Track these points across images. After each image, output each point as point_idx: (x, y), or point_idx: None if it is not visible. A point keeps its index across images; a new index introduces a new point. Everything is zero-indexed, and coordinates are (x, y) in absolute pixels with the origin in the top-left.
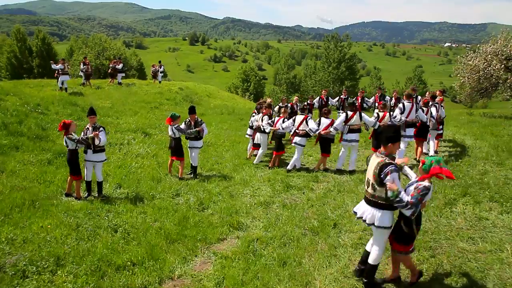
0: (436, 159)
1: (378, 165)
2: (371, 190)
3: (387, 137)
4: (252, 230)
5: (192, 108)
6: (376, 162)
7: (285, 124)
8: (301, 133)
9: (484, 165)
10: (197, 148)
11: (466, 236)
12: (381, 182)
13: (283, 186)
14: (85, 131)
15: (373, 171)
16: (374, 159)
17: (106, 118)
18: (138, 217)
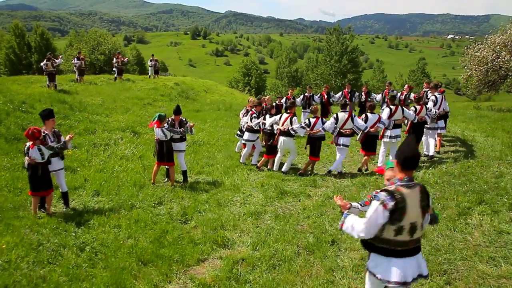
0: None
1: (423, 194)
2: (419, 234)
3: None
4: (238, 247)
5: (178, 109)
6: (418, 193)
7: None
8: (348, 133)
9: (498, 166)
10: (181, 152)
11: (486, 256)
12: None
13: (277, 193)
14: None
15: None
16: (410, 194)
17: (94, 116)
18: (111, 232)
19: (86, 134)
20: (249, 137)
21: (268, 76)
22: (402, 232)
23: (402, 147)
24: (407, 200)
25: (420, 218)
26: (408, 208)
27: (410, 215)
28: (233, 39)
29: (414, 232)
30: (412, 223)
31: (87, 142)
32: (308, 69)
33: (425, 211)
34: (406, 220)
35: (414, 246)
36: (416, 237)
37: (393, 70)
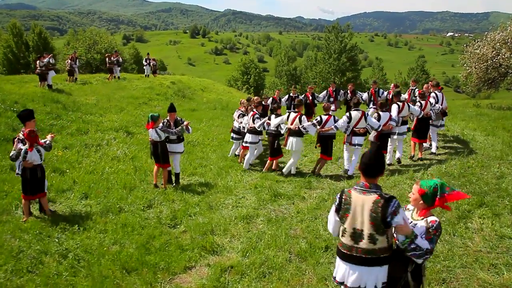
0: (439, 185)
1: (375, 204)
2: (368, 244)
3: (380, 169)
4: (227, 253)
5: (172, 107)
6: (371, 202)
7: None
8: (361, 132)
9: (499, 166)
10: (178, 153)
11: (487, 263)
12: (386, 227)
13: (271, 195)
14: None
15: (369, 215)
16: (360, 198)
17: (88, 116)
18: (97, 237)
19: (78, 134)
20: (252, 139)
21: (267, 74)
22: (345, 234)
23: (364, 154)
24: (352, 203)
25: (367, 228)
26: (351, 212)
27: (353, 219)
28: (232, 37)
29: (357, 239)
30: (355, 228)
31: (78, 143)
32: (307, 67)
33: (376, 224)
34: (348, 223)
35: (361, 255)
36: (363, 246)
37: (392, 68)
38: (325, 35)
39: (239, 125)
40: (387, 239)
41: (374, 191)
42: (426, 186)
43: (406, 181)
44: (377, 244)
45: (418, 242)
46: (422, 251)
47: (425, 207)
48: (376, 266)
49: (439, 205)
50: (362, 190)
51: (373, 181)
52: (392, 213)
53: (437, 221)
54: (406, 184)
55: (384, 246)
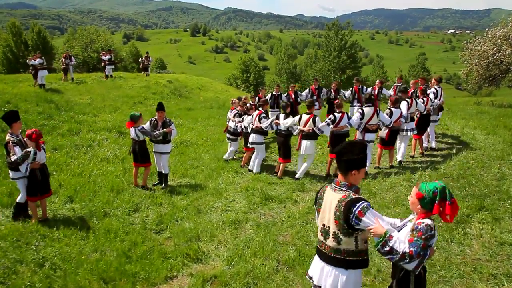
0: (440, 189)
1: (340, 203)
2: (332, 243)
3: (349, 161)
4: (212, 262)
5: (160, 105)
6: (336, 200)
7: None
8: (374, 128)
9: (500, 167)
10: (165, 154)
11: (486, 273)
12: (350, 228)
13: (262, 198)
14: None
15: (334, 213)
16: (330, 194)
17: (80, 116)
18: (77, 244)
19: (69, 135)
20: (257, 140)
21: (268, 72)
22: (318, 228)
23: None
24: (324, 199)
25: (332, 225)
26: (322, 207)
27: (323, 214)
28: (232, 35)
29: (326, 235)
30: (324, 224)
31: (68, 144)
32: (307, 65)
33: (340, 223)
34: (320, 218)
35: (327, 253)
36: (329, 244)
37: (393, 65)
38: (325, 32)
39: (236, 124)
40: (355, 242)
41: (344, 190)
42: (425, 189)
43: (403, 183)
44: (342, 244)
45: (393, 244)
46: (397, 255)
47: (423, 212)
48: (340, 267)
49: (437, 213)
50: (334, 187)
51: (346, 178)
52: (357, 214)
53: (425, 223)
54: (403, 186)
55: (350, 248)
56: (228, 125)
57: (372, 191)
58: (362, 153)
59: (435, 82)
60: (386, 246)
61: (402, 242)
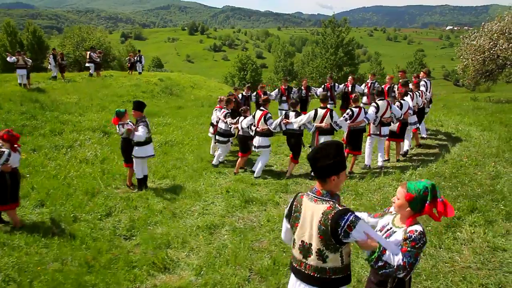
0: (430, 187)
1: (325, 216)
2: (316, 261)
3: (327, 167)
4: (181, 271)
5: (135, 104)
6: (320, 212)
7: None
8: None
9: (495, 164)
10: (138, 158)
11: (476, 283)
12: (338, 243)
13: (242, 201)
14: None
15: (318, 227)
16: (310, 206)
17: (65, 116)
18: (38, 252)
19: (51, 135)
20: (263, 143)
21: (266, 70)
22: (295, 246)
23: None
24: (302, 212)
25: (316, 242)
26: (300, 221)
27: (301, 231)
28: (230, 34)
29: (306, 253)
30: (303, 241)
31: (49, 145)
32: (304, 63)
33: (326, 238)
34: (297, 234)
35: (309, 273)
36: (312, 263)
37: (392, 62)
38: (322, 30)
39: (229, 126)
40: (341, 258)
41: (327, 199)
42: (414, 190)
43: (392, 183)
44: (327, 262)
45: (387, 259)
46: (392, 268)
47: (411, 214)
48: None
49: (428, 213)
50: (314, 197)
51: (326, 186)
52: (346, 228)
53: (418, 231)
54: (392, 186)
55: (336, 265)
56: (218, 126)
57: (359, 192)
58: (339, 155)
59: (424, 75)
60: (380, 261)
61: (395, 255)
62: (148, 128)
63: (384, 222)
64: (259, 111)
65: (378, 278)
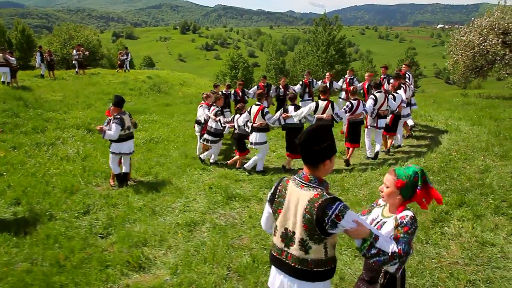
0: (420, 172)
1: (311, 204)
2: (298, 252)
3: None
4: (156, 270)
5: (114, 99)
6: (306, 199)
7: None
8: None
9: (484, 158)
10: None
11: (464, 279)
12: (323, 233)
13: (224, 197)
14: None
15: (302, 216)
16: (296, 192)
17: (49, 113)
18: (8, 252)
19: (33, 133)
20: (261, 139)
21: (258, 69)
22: (276, 233)
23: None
24: (287, 197)
25: (299, 231)
26: (284, 207)
27: (284, 217)
28: (223, 33)
29: (288, 242)
30: (286, 229)
31: (29, 142)
32: (296, 61)
33: (310, 228)
34: (280, 221)
35: (290, 263)
36: (294, 252)
37: (383, 60)
38: (313, 28)
39: (224, 124)
40: (324, 250)
41: (315, 186)
42: (405, 176)
43: (379, 178)
44: (310, 253)
45: (380, 245)
46: (386, 256)
47: (402, 202)
48: (306, 281)
49: (418, 199)
50: (301, 182)
51: (315, 172)
52: (334, 218)
53: (409, 215)
54: (379, 181)
55: (318, 257)
56: (208, 125)
57: (345, 187)
58: (331, 138)
59: (407, 68)
60: (372, 249)
61: (389, 242)
62: (123, 125)
63: (374, 216)
64: (254, 106)
65: (370, 275)
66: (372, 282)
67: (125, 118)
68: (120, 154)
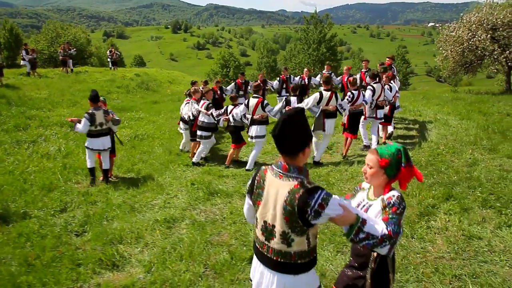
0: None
1: (291, 195)
2: (280, 245)
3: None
4: (130, 269)
5: (91, 95)
6: (286, 190)
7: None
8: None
9: (472, 152)
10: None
11: (449, 274)
12: (305, 225)
13: (206, 193)
14: None
15: (282, 208)
16: (275, 183)
17: (32, 111)
18: None
19: (15, 130)
20: (260, 132)
21: (250, 68)
22: (257, 226)
23: None
24: (265, 188)
25: (279, 223)
26: (264, 199)
27: (264, 209)
28: (214, 32)
29: (268, 235)
30: (265, 221)
31: (10, 140)
32: (287, 59)
33: (292, 220)
34: (260, 213)
35: (272, 257)
36: (276, 246)
37: (375, 58)
38: (305, 26)
39: (217, 118)
40: (307, 241)
41: (294, 176)
42: (388, 154)
43: None
44: (293, 246)
45: (369, 229)
46: (376, 239)
47: (386, 182)
48: (289, 274)
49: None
50: (279, 172)
51: (293, 161)
52: (317, 208)
53: (396, 195)
54: None
55: (302, 249)
56: (199, 120)
57: (331, 182)
58: (306, 122)
59: (390, 60)
60: (361, 233)
61: (377, 224)
62: (94, 120)
63: (359, 200)
64: (253, 98)
65: (359, 261)
66: (362, 267)
67: (97, 114)
68: (95, 150)
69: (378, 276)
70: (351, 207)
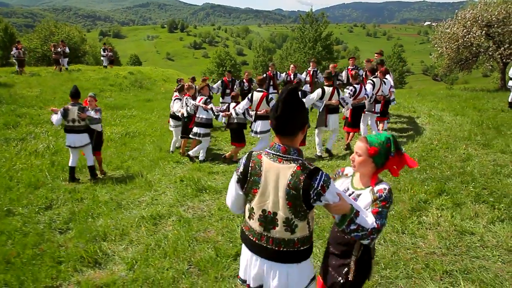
0: (391, 138)
1: (295, 178)
2: (282, 233)
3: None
4: (113, 266)
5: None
6: (288, 174)
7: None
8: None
9: (466, 147)
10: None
11: (440, 270)
12: (308, 208)
13: (194, 189)
14: None
15: (286, 193)
16: (274, 167)
17: (23, 109)
18: None
19: (4, 128)
20: (264, 127)
21: (247, 67)
22: (253, 217)
23: None
24: (263, 174)
25: (283, 210)
26: (261, 186)
27: (262, 197)
28: (211, 31)
29: (268, 225)
30: (264, 210)
31: None
32: (283, 58)
33: (295, 205)
34: (257, 202)
35: (273, 248)
36: (277, 235)
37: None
38: (301, 25)
39: (217, 113)
40: (308, 225)
41: (294, 158)
42: (377, 142)
43: None
44: (296, 232)
45: (360, 221)
46: (365, 231)
47: (374, 171)
48: (292, 263)
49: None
50: (278, 155)
51: (292, 142)
52: (319, 190)
53: (387, 189)
54: None
55: (304, 235)
56: (197, 116)
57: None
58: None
59: (378, 56)
60: (352, 224)
61: (367, 217)
62: (66, 116)
63: (343, 187)
64: (256, 93)
65: (341, 249)
66: (345, 255)
67: (71, 110)
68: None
69: (362, 262)
70: (346, 197)
